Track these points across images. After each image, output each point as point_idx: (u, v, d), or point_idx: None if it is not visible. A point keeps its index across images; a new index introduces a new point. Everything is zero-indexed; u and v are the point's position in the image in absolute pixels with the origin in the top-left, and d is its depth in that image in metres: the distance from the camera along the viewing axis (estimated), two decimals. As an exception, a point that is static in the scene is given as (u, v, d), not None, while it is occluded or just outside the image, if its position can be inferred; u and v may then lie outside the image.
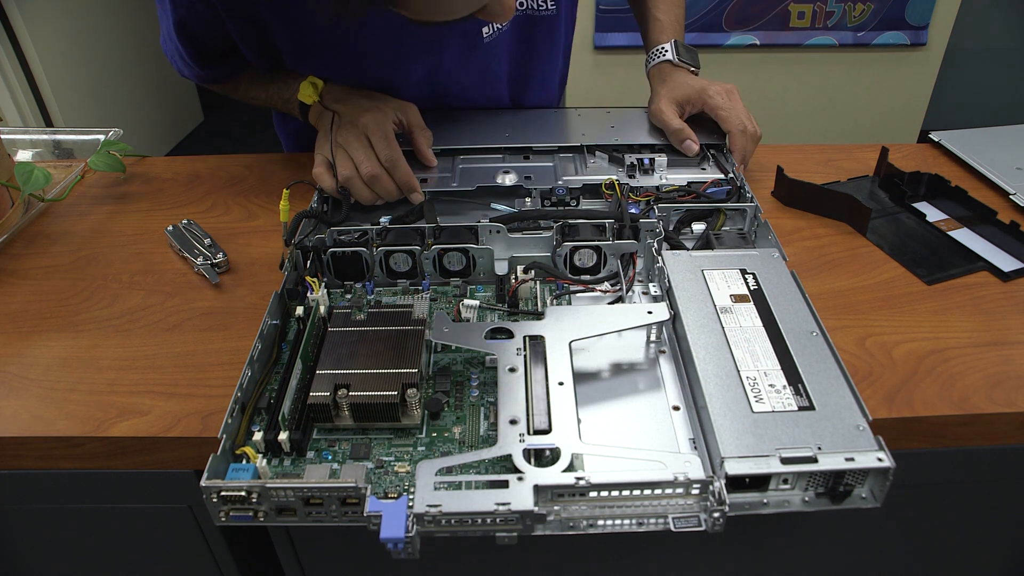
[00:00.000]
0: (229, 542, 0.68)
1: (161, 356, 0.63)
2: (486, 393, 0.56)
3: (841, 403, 0.50)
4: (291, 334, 0.61)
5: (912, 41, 2.16)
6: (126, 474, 0.59)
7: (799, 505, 0.48)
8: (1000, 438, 0.59)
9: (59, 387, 0.60)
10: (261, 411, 0.54)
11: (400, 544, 0.44)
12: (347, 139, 0.74)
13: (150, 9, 2.80)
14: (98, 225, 0.82)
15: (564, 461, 0.47)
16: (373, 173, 0.72)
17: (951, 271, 0.72)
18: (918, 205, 0.82)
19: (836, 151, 0.93)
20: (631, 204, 0.73)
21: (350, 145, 0.74)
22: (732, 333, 0.56)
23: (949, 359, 0.61)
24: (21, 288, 0.72)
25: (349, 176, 0.73)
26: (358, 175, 0.73)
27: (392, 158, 0.73)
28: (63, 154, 0.98)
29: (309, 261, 0.65)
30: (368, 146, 0.73)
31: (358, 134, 0.74)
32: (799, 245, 0.75)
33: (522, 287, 0.65)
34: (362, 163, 0.72)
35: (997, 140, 0.93)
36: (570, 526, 0.47)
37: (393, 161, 0.73)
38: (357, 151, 0.73)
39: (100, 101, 2.34)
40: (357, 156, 0.73)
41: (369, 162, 0.72)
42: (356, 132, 0.74)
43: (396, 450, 0.52)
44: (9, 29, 1.97)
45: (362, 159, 0.73)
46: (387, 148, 0.73)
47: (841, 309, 0.67)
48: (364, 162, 0.72)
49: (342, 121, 0.75)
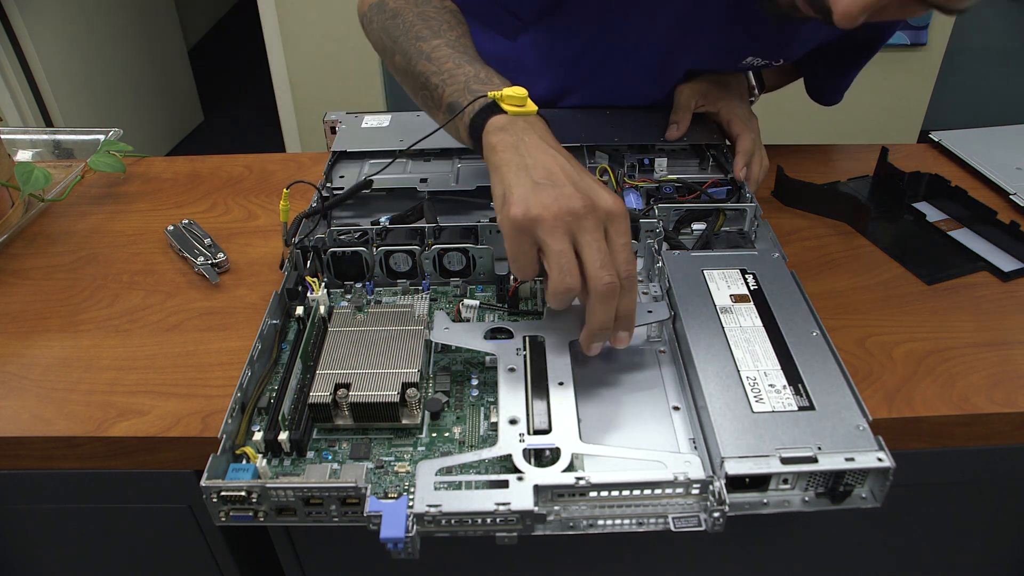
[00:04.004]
0: (229, 542, 0.68)
1: (161, 356, 0.63)
2: (486, 393, 0.56)
3: (841, 403, 0.50)
4: (291, 334, 0.61)
5: (912, 41, 2.15)
6: (126, 474, 0.59)
7: (799, 505, 0.48)
8: (1000, 438, 0.59)
9: (59, 387, 0.60)
10: (261, 411, 0.54)
11: (400, 544, 0.44)
12: (583, 223, 0.50)
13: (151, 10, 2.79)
14: (98, 225, 0.82)
15: (564, 461, 0.47)
16: (611, 286, 0.49)
17: (951, 271, 0.72)
18: (918, 205, 0.82)
19: (836, 151, 0.93)
20: (628, 189, 0.73)
21: (586, 233, 0.50)
22: (732, 333, 0.56)
23: (949, 359, 0.61)
24: (21, 288, 0.72)
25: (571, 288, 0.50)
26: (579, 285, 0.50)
27: (632, 275, 0.51)
28: (63, 154, 0.98)
29: (309, 261, 0.65)
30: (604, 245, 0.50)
31: (598, 223, 0.50)
32: (799, 245, 0.75)
33: (522, 287, 0.65)
34: (602, 267, 0.49)
35: (997, 140, 0.93)
36: (570, 526, 0.47)
37: (631, 279, 0.51)
38: (598, 252, 0.49)
39: (100, 101, 2.34)
40: (599, 258, 0.49)
41: (607, 269, 0.49)
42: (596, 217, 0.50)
43: (396, 450, 0.52)
44: (9, 29, 1.97)
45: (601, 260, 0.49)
46: (630, 263, 0.51)
47: (841, 309, 0.67)
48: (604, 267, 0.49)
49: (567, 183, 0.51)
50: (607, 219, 0.51)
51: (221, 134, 2.94)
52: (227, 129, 2.98)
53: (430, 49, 0.64)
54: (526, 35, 0.81)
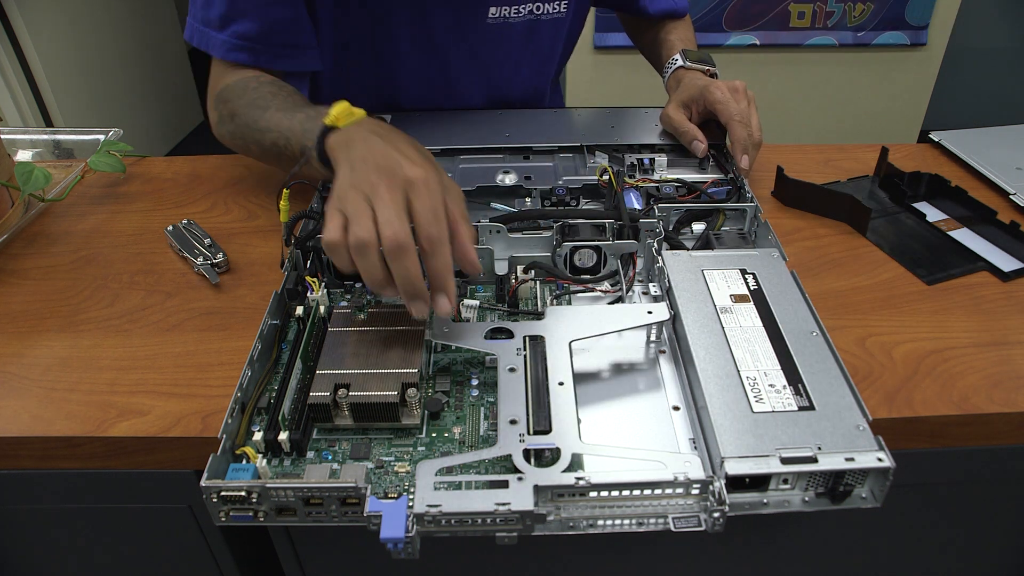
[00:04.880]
0: (229, 542, 0.68)
1: (161, 356, 0.63)
2: (486, 393, 0.56)
3: (841, 403, 0.50)
4: (291, 334, 0.61)
5: (912, 41, 2.16)
6: (126, 474, 0.59)
7: (799, 505, 0.48)
8: (1000, 438, 0.59)
9: (59, 387, 0.60)
10: (261, 411, 0.54)
11: (400, 544, 0.44)
12: (377, 189, 0.52)
13: (150, 10, 2.79)
14: (98, 225, 0.82)
15: (564, 461, 0.47)
16: (399, 243, 0.50)
17: (951, 271, 0.72)
18: (918, 205, 0.82)
19: (836, 151, 0.93)
20: (628, 189, 0.73)
21: (379, 198, 0.51)
22: (732, 333, 0.56)
23: (949, 359, 0.61)
24: (21, 288, 0.72)
25: (364, 240, 0.50)
26: (376, 241, 0.51)
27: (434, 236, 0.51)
28: (63, 154, 0.98)
29: (309, 261, 0.65)
30: (404, 209, 0.51)
31: (394, 187, 0.52)
32: (799, 245, 0.75)
33: (522, 287, 0.65)
34: (385, 223, 0.50)
35: (997, 140, 0.93)
36: (570, 526, 0.47)
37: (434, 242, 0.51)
38: (387, 208, 0.51)
39: (100, 101, 2.34)
40: (385, 214, 0.51)
41: (390, 226, 0.50)
42: (393, 183, 0.52)
43: (396, 450, 0.52)
44: (9, 29, 1.96)
45: (386, 218, 0.50)
46: (435, 223, 0.51)
47: (841, 309, 0.67)
48: (391, 222, 0.50)
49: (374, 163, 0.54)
50: (405, 184, 0.52)
51: (221, 134, 2.93)
52: (227, 129, 2.97)
53: (266, 122, 0.71)
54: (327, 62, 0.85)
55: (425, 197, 0.52)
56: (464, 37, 0.86)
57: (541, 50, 0.93)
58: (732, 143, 0.78)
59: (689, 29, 1.00)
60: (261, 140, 0.72)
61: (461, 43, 0.87)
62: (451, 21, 0.84)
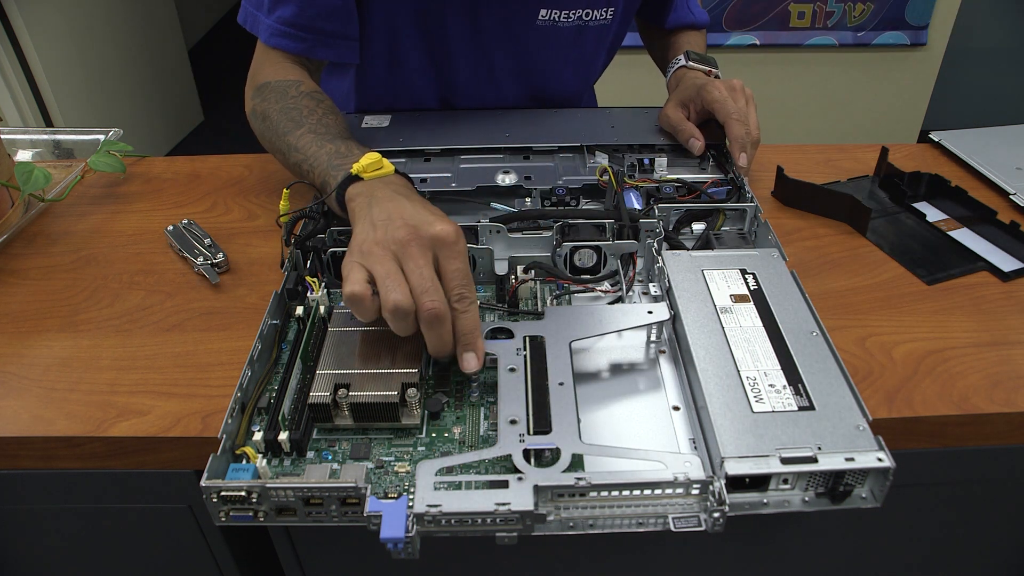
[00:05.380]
0: (229, 542, 0.68)
1: (161, 356, 0.63)
2: (486, 393, 0.56)
3: (841, 403, 0.50)
4: (291, 334, 0.61)
5: (912, 41, 2.15)
6: (126, 474, 0.59)
7: (799, 505, 0.48)
8: (1000, 438, 0.59)
9: (59, 387, 0.60)
10: (261, 411, 0.54)
11: (400, 544, 0.44)
12: (408, 248, 0.53)
13: (150, 10, 2.78)
14: (98, 225, 0.82)
15: (564, 461, 0.47)
16: (439, 315, 0.51)
17: (951, 271, 0.72)
18: (918, 205, 0.82)
19: (836, 151, 0.93)
20: (628, 189, 0.73)
21: (411, 258, 0.52)
22: (732, 333, 0.56)
23: (949, 359, 0.61)
24: (21, 288, 0.72)
25: (403, 308, 0.51)
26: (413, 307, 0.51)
27: (466, 296, 0.53)
28: (63, 154, 0.98)
29: (309, 261, 0.65)
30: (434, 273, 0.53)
31: (423, 246, 0.53)
32: (799, 245, 0.75)
33: (522, 287, 0.65)
34: (423, 292, 0.51)
35: (997, 140, 0.93)
36: (570, 526, 0.47)
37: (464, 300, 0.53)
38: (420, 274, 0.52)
39: (100, 101, 2.34)
40: (421, 282, 0.51)
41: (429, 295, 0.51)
42: (422, 242, 0.53)
43: (396, 450, 0.52)
44: (9, 29, 1.96)
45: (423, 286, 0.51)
46: (466, 284, 0.53)
47: (841, 309, 0.67)
48: (429, 292, 0.51)
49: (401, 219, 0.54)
50: (434, 245, 0.53)
51: (221, 134, 2.93)
52: (227, 129, 2.98)
53: (295, 140, 0.72)
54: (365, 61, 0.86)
55: (454, 258, 0.53)
56: (512, 37, 0.86)
57: (585, 54, 0.93)
58: (730, 142, 0.78)
59: (702, 38, 1.01)
60: (287, 155, 0.73)
61: (508, 43, 0.87)
62: (501, 20, 0.84)
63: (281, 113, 0.74)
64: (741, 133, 0.77)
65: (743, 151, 0.77)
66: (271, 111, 0.76)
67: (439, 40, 0.85)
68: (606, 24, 0.89)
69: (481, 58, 0.88)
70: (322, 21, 0.78)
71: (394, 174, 0.64)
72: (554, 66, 0.92)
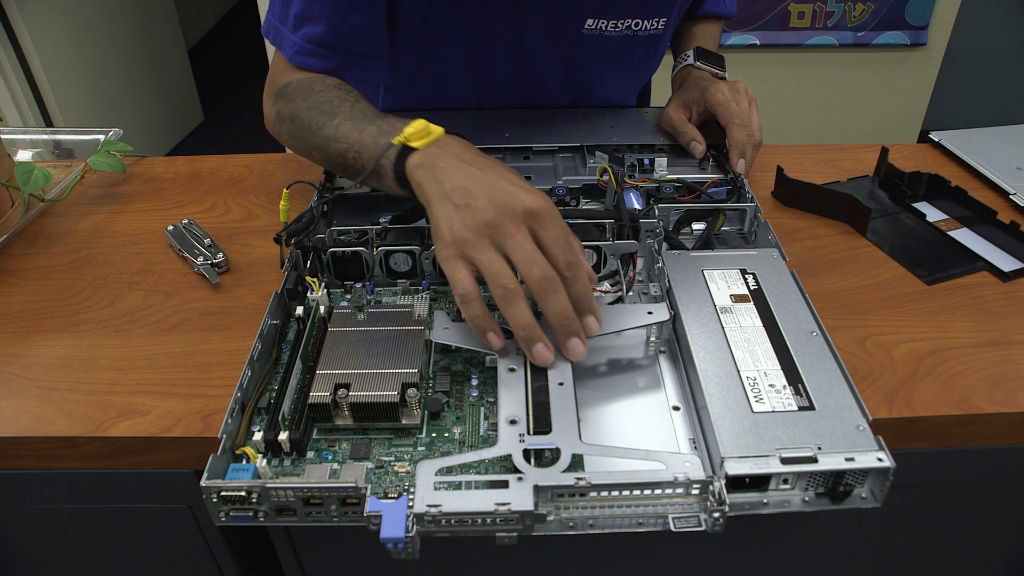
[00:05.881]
0: (229, 542, 0.68)
1: (161, 356, 0.63)
2: (486, 393, 0.56)
3: (841, 403, 0.50)
4: (291, 334, 0.61)
5: (912, 41, 2.15)
6: (126, 474, 0.59)
7: (799, 505, 0.48)
8: (1000, 438, 0.59)
9: (59, 387, 0.60)
10: (261, 411, 0.54)
11: (400, 544, 0.44)
12: (504, 228, 0.51)
13: (151, 10, 2.78)
14: (98, 225, 0.82)
15: (564, 461, 0.47)
16: (550, 279, 0.50)
17: (951, 271, 0.72)
18: (918, 205, 0.82)
19: (836, 151, 0.93)
20: (628, 189, 0.73)
21: (510, 237, 0.51)
22: (732, 333, 0.56)
23: (949, 359, 0.61)
24: (21, 288, 0.72)
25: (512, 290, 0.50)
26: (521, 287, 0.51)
27: (573, 262, 0.52)
28: (63, 154, 0.98)
29: (309, 261, 0.65)
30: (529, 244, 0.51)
31: (519, 222, 0.51)
32: (799, 245, 0.75)
33: (522, 287, 0.65)
34: (531, 264, 0.50)
35: (997, 140, 0.93)
36: (570, 526, 0.47)
37: (573, 266, 0.52)
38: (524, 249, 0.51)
39: (100, 101, 2.34)
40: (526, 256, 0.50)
41: (537, 265, 0.50)
42: (516, 218, 0.51)
43: (396, 450, 0.52)
44: (9, 29, 1.96)
45: (527, 259, 0.50)
46: (569, 250, 0.52)
47: (841, 309, 0.67)
48: (535, 263, 0.50)
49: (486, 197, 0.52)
50: (528, 218, 0.52)
51: (221, 134, 2.94)
52: (227, 129, 2.98)
53: (333, 131, 0.67)
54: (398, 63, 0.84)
55: (552, 226, 0.52)
56: (557, 44, 0.84)
57: (632, 63, 0.91)
58: (730, 146, 0.78)
59: (719, 29, 1.00)
60: (326, 148, 0.68)
61: (552, 49, 0.85)
62: (545, 28, 0.82)
63: (311, 109, 0.70)
64: (742, 138, 0.76)
65: (742, 156, 0.76)
66: (299, 110, 0.71)
67: (480, 43, 0.83)
68: (657, 34, 0.86)
69: (523, 63, 0.86)
70: (351, 41, 0.75)
71: (447, 135, 0.59)
72: (599, 74, 0.90)
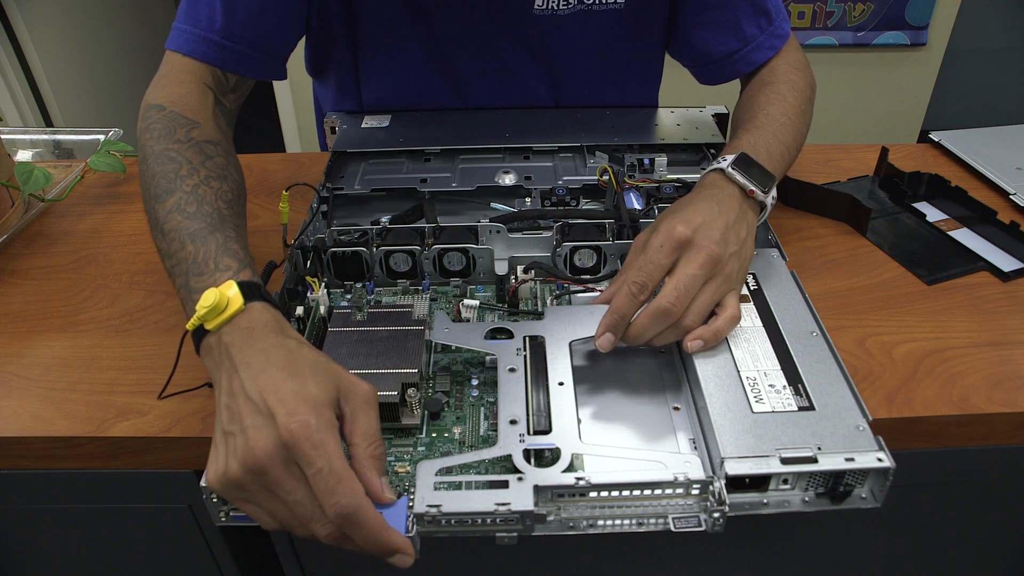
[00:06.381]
0: (229, 542, 0.68)
1: (161, 356, 0.63)
2: (486, 393, 0.56)
3: (841, 403, 0.50)
4: (291, 334, 0.61)
5: (912, 41, 2.16)
6: (126, 474, 0.59)
7: (799, 505, 0.48)
8: (1000, 438, 0.59)
9: (59, 387, 0.60)
10: (261, 411, 0.54)
11: (400, 544, 0.44)
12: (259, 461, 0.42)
13: (151, 10, 2.78)
14: (98, 225, 0.82)
15: (564, 461, 0.47)
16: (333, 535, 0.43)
17: (951, 271, 0.72)
18: (918, 205, 0.82)
19: (836, 151, 0.93)
20: (628, 189, 0.73)
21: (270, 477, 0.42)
22: (732, 333, 0.56)
23: (949, 359, 0.61)
24: (21, 288, 0.72)
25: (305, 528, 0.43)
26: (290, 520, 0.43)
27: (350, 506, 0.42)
28: (63, 154, 0.98)
29: (309, 261, 0.65)
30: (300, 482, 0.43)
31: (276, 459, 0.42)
32: (799, 245, 0.75)
33: (522, 287, 0.65)
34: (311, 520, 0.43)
35: (997, 140, 0.93)
36: (570, 526, 0.47)
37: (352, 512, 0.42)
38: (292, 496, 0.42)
39: (100, 101, 2.34)
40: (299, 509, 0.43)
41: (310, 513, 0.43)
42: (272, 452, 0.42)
43: (396, 450, 0.52)
44: (9, 29, 1.96)
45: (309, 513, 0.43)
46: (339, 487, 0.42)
47: (841, 309, 0.67)
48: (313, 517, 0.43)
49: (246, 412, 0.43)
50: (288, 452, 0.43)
51: (221, 134, 2.93)
52: (227, 129, 2.97)
53: (163, 216, 0.56)
54: None
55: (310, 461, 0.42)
56: (514, 29, 0.82)
57: (596, 43, 0.84)
58: None
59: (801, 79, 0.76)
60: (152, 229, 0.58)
61: (511, 36, 0.82)
62: (493, 12, 0.80)
63: (157, 162, 0.59)
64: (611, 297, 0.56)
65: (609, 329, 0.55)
66: (149, 151, 0.61)
67: (435, 37, 0.82)
68: (617, 8, 0.80)
69: (488, 54, 0.84)
70: (248, 31, 0.69)
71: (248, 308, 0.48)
72: (571, 63, 0.86)
